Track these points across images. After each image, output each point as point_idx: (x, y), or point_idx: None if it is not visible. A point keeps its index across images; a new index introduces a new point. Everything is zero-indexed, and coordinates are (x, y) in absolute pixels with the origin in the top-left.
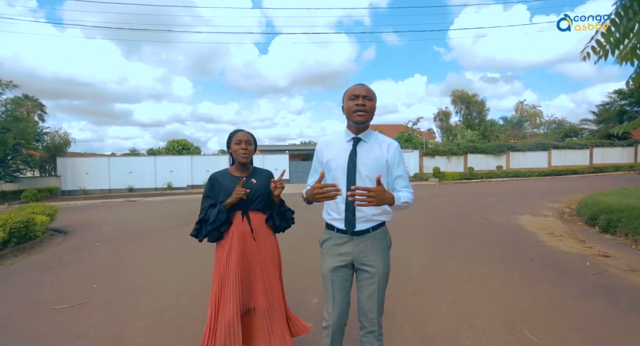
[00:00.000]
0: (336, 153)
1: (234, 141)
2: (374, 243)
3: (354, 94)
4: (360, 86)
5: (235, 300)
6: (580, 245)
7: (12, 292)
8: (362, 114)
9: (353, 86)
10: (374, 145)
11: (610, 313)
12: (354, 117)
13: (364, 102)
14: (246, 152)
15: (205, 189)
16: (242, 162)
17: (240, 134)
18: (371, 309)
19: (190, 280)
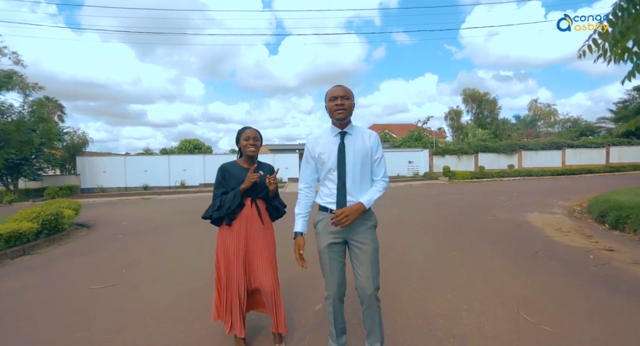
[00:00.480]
0: (326, 146)
1: (242, 137)
2: (363, 223)
3: (333, 96)
4: (338, 88)
5: (242, 275)
6: (587, 240)
7: (53, 275)
8: (342, 112)
9: (332, 88)
10: (357, 136)
11: (605, 298)
12: (335, 115)
13: (342, 101)
14: (254, 147)
15: (217, 178)
16: (250, 155)
17: (248, 131)
18: (368, 284)
19: (208, 266)
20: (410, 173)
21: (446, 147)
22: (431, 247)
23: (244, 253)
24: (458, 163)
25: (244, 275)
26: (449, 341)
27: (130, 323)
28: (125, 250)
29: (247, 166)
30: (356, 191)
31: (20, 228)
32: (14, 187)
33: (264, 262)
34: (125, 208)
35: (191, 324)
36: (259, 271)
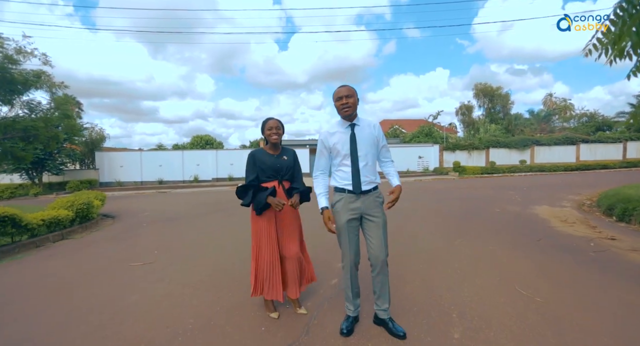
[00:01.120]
0: (339, 138)
1: (266, 127)
2: (375, 200)
3: (338, 96)
4: (342, 88)
5: (274, 246)
6: (591, 230)
7: (94, 255)
8: (347, 109)
9: (337, 89)
10: (365, 127)
11: (596, 278)
12: (342, 113)
13: (347, 100)
14: (276, 135)
15: (248, 164)
16: (273, 142)
17: (271, 122)
18: (379, 251)
19: (233, 248)
20: (420, 168)
21: (457, 142)
22: (438, 235)
23: (275, 227)
24: (469, 159)
25: (276, 245)
26: (449, 309)
27: (171, 291)
28: (153, 236)
29: (272, 152)
30: (369, 172)
31: (59, 215)
32: (38, 181)
33: (290, 234)
34: (143, 201)
35: (224, 292)
36: (286, 241)
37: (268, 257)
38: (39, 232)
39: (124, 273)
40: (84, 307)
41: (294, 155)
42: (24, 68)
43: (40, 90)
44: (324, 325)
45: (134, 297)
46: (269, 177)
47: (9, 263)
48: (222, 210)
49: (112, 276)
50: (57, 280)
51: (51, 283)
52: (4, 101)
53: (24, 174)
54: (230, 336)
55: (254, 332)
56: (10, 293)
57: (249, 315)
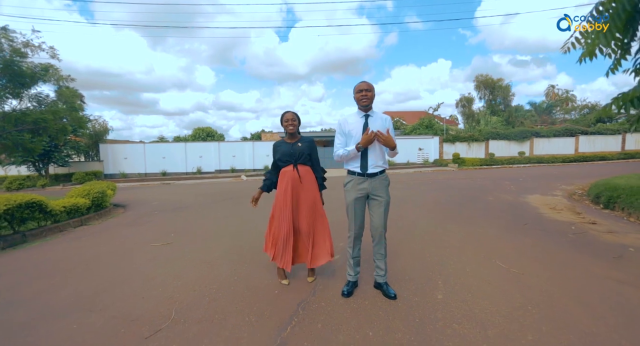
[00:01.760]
0: (354, 125)
1: (284, 120)
2: (381, 182)
3: (359, 89)
4: (363, 83)
5: (289, 221)
6: (576, 216)
7: (115, 238)
8: (365, 100)
9: (359, 83)
10: (377, 118)
11: (569, 255)
12: (361, 103)
13: (366, 93)
14: (292, 126)
15: (273, 153)
16: (290, 132)
17: (287, 115)
18: (379, 225)
19: (244, 230)
20: (420, 160)
21: (457, 134)
22: (433, 220)
23: (291, 204)
24: (468, 150)
25: (290, 219)
26: (436, 278)
27: (193, 265)
28: (167, 221)
29: (289, 141)
30: (376, 158)
31: (78, 202)
32: (45, 173)
33: (302, 212)
34: (149, 192)
35: (240, 265)
36: (299, 217)
37: (282, 231)
38: (60, 218)
39: (147, 251)
40: (119, 277)
41: (309, 142)
42: (32, 61)
43: (48, 83)
44: (328, 288)
45: (160, 270)
46: (284, 162)
47: (41, 245)
48: (228, 200)
49: (137, 254)
50: (90, 257)
51: (85, 259)
52: (13, 94)
53: (30, 166)
54: (248, 297)
55: (268, 294)
56: (53, 267)
57: (263, 282)
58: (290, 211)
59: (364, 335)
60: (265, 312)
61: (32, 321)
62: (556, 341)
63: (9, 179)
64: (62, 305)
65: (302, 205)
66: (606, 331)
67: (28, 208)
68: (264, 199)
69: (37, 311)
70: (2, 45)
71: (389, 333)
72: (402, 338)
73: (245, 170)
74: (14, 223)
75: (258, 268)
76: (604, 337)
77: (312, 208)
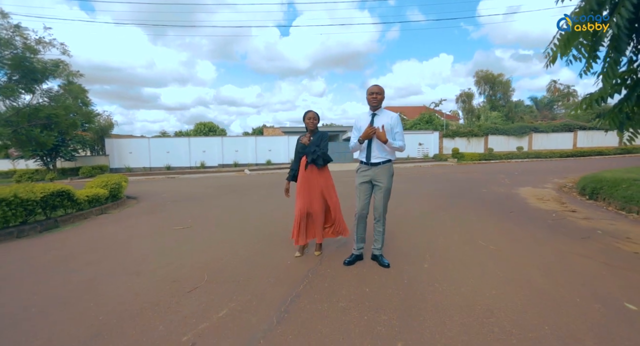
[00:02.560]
0: (363, 122)
1: (306, 117)
2: (382, 171)
3: (371, 91)
4: (374, 86)
5: (304, 205)
6: (559, 205)
7: (137, 224)
8: (374, 102)
9: (371, 86)
10: (383, 116)
11: (544, 237)
12: (370, 103)
13: (376, 96)
14: (312, 124)
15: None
16: (311, 128)
17: (310, 113)
18: (380, 206)
19: (253, 217)
20: (420, 155)
21: (456, 129)
22: (427, 209)
23: (306, 187)
24: (467, 146)
25: (305, 204)
26: (424, 252)
27: (215, 243)
28: (181, 210)
29: (306, 135)
30: (377, 150)
31: (98, 192)
32: (53, 167)
33: (314, 196)
34: (157, 185)
35: (255, 243)
36: (312, 201)
37: (299, 212)
38: (83, 207)
39: (171, 233)
40: (153, 252)
41: (319, 135)
42: (42, 57)
43: (58, 78)
44: (333, 260)
45: (187, 247)
46: (302, 154)
47: (73, 229)
48: (234, 192)
49: (163, 235)
50: (122, 238)
51: (119, 240)
52: (26, 89)
53: (38, 160)
54: (266, 266)
55: (282, 264)
56: (93, 245)
57: (277, 256)
58: (304, 195)
59: (362, 290)
60: (281, 276)
61: (92, 281)
62: (514, 294)
63: (19, 173)
64: (112, 271)
65: (315, 191)
66: (555, 289)
67: (59, 196)
68: (274, 189)
69: (93, 275)
70: (16, 42)
71: (382, 289)
72: (393, 293)
73: (248, 165)
74: (47, 210)
75: (270, 246)
76: (552, 293)
77: (323, 192)
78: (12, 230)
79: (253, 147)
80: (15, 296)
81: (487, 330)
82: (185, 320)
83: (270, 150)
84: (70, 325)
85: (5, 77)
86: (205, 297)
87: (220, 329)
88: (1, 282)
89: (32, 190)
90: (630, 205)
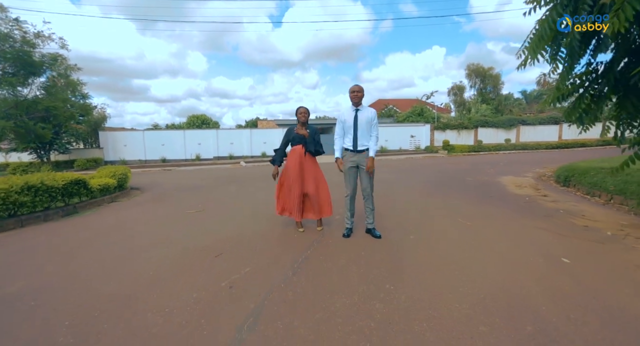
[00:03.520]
0: (348, 116)
1: (298, 112)
2: (366, 156)
3: (353, 90)
4: (355, 86)
5: (299, 186)
6: (534, 191)
7: (150, 209)
8: (356, 99)
9: (352, 86)
10: (364, 112)
11: (513, 215)
12: (353, 100)
13: (357, 93)
14: (304, 117)
15: (285, 134)
16: (302, 121)
17: (301, 109)
18: (367, 186)
19: (257, 203)
20: (412, 147)
21: (447, 122)
22: (416, 195)
23: (300, 173)
24: (458, 138)
25: (301, 184)
26: (410, 227)
27: (228, 223)
28: (188, 198)
29: (299, 127)
30: (363, 139)
31: (108, 182)
32: (47, 160)
33: (308, 178)
34: (155, 177)
35: (264, 222)
36: (306, 183)
37: (294, 193)
38: (96, 195)
39: (185, 216)
40: (175, 229)
41: (314, 130)
42: (39, 51)
43: (56, 72)
44: (333, 234)
45: (204, 226)
46: (297, 143)
47: (91, 214)
48: (233, 182)
49: (179, 218)
50: (140, 220)
51: (137, 222)
52: (24, 83)
53: (32, 152)
54: (276, 239)
55: (290, 237)
56: (117, 226)
57: (284, 232)
58: (301, 178)
59: (358, 254)
60: (291, 245)
61: (130, 252)
62: (479, 255)
63: (12, 166)
64: (143, 245)
65: (308, 173)
66: (512, 251)
67: (76, 185)
68: (267, 178)
69: (130, 248)
70: (15, 36)
71: (375, 253)
72: (384, 256)
73: (243, 157)
74: (66, 197)
75: (277, 225)
76: (509, 254)
77: (315, 176)
78: (39, 215)
79: (248, 139)
80: (77, 262)
81: (453, 277)
82: (219, 274)
83: (265, 143)
84: (130, 278)
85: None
86: (230, 260)
87: (249, 278)
88: (57, 254)
89: (54, 178)
90: (594, 190)
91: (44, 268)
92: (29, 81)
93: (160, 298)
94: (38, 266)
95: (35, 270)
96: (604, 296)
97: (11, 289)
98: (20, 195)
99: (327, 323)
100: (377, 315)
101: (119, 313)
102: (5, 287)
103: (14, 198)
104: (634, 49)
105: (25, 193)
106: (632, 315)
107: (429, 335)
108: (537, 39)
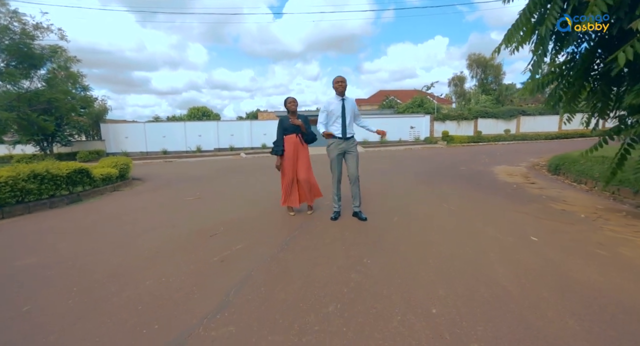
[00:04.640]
0: (335, 105)
1: (287, 102)
2: (352, 142)
3: (337, 81)
4: (339, 77)
5: (293, 173)
6: (524, 179)
7: (152, 197)
8: (341, 89)
9: (336, 77)
10: (349, 101)
11: (497, 200)
12: (337, 91)
13: (341, 84)
14: (294, 106)
15: (278, 125)
16: (292, 111)
17: (289, 99)
18: (354, 170)
19: (254, 191)
20: (412, 138)
21: (447, 113)
22: (408, 183)
23: (294, 160)
24: (457, 129)
25: (294, 172)
26: (397, 212)
27: (226, 208)
28: (188, 187)
29: (292, 117)
30: (349, 127)
31: (110, 172)
32: (50, 152)
33: (301, 166)
34: (156, 168)
35: (259, 208)
36: (300, 169)
37: (289, 180)
38: (98, 184)
39: (185, 203)
40: (177, 214)
41: (305, 118)
42: (39, 43)
43: (55, 64)
44: (322, 216)
45: (201, 211)
46: (291, 132)
47: (95, 202)
48: (234, 173)
49: (179, 204)
50: (143, 207)
51: (141, 208)
52: (25, 75)
53: (35, 145)
54: (267, 221)
55: (282, 219)
56: (122, 211)
57: (276, 215)
58: (295, 166)
59: (343, 234)
60: (281, 226)
61: (139, 232)
62: (455, 235)
63: (16, 157)
64: (145, 228)
65: (301, 161)
66: (486, 231)
67: (80, 174)
68: (271, 170)
69: (138, 229)
70: (14, 28)
71: (358, 233)
72: (367, 237)
73: (244, 148)
74: (70, 185)
75: (269, 210)
76: (483, 233)
77: (307, 163)
78: (45, 202)
79: (248, 131)
80: (86, 241)
81: (427, 253)
82: (212, 251)
83: (265, 134)
84: (133, 254)
85: (4, 63)
86: (224, 239)
87: (239, 254)
88: (66, 235)
89: (59, 167)
90: (581, 177)
91: (56, 246)
92: (30, 73)
93: (159, 270)
94: (50, 245)
95: (48, 248)
96: (557, 266)
97: (28, 261)
98: (27, 182)
99: (305, 289)
100: (352, 283)
101: (124, 281)
102: (22, 259)
103: (21, 185)
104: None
105: (31, 181)
106: (579, 281)
107: (394, 297)
108: (514, 28)
